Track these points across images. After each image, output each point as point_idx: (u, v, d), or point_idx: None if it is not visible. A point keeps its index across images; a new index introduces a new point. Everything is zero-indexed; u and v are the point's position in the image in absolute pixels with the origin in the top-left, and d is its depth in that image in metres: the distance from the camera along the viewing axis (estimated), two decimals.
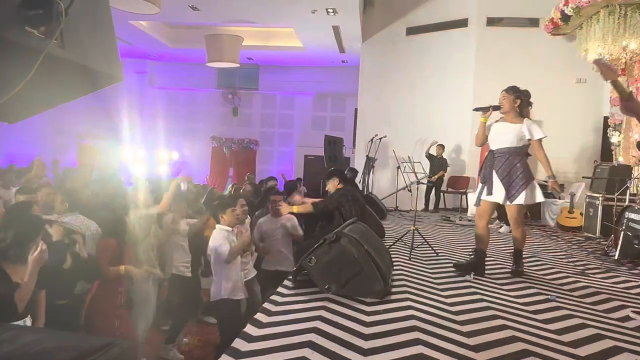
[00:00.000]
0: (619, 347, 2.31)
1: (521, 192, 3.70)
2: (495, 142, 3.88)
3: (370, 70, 11.50)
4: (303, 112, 15.48)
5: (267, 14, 10.44)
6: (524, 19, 9.74)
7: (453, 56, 10.21)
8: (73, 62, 1.16)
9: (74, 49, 1.15)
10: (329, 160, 9.97)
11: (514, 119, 3.85)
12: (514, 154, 3.76)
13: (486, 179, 3.85)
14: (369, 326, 2.50)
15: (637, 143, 2.83)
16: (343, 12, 9.83)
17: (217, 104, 15.77)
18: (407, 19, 11.00)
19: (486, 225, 3.94)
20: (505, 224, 6.80)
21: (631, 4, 6.80)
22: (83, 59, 1.15)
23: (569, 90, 9.45)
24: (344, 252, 3.05)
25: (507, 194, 3.73)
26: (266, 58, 14.28)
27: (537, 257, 4.81)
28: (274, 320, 2.53)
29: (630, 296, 3.40)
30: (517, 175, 3.72)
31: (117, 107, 14.30)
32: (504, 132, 3.84)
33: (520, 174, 3.72)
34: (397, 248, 4.87)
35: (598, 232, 6.41)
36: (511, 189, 3.71)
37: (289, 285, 3.22)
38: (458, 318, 2.68)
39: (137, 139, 13.28)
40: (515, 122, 3.82)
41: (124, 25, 11.18)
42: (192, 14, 10.47)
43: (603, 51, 7.39)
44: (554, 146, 9.46)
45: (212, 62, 11.60)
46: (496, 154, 3.85)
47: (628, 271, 4.32)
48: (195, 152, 15.41)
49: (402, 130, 10.52)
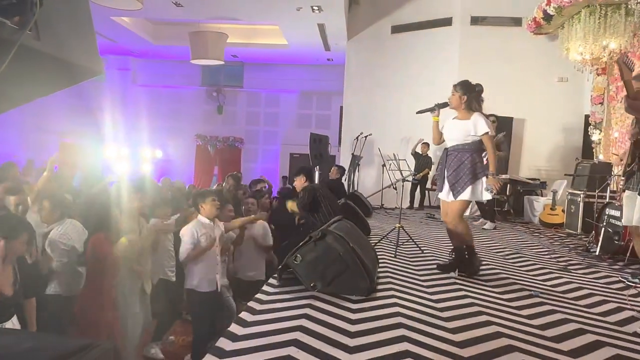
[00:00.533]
0: (600, 341, 2.35)
1: (466, 189, 3.64)
2: (448, 140, 3.86)
3: (356, 68, 11.51)
4: (288, 110, 15.42)
5: (252, 11, 10.36)
6: (507, 18, 9.84)
7: (438, 54, 10.27)
8: (50, 54, 1.12)
9: (50, 40, 1.11)
10: (315, 158, 9.95)
11: (464, 115, 3.80)
12: (463, 151, 3.72)
13: (438, 178, 3.86)
14: (354, 324, 2.49)
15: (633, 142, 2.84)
16: (328, 9, 9.81)
17: (201, 102, 15.63)
18: (392, 17, 11.03)
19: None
20: (489, 220, 6.87)
21: (611, 4, 6.90)
22: (60, 51, 1.11)
23: (551, 88, 9.58)
24: (330, 250, 3.04)
25: (453, 190, 3.68)
26: (251, 55, 14.19)
27: (519, 253, 4.86)
28: (259, 319, 2.51)
29: (611, 291, 3.45)
30: (464, 172, 3.66)
31: (99, 105, 14.08)
32: (454, 129, 3.82)
33: (467, 171, 3.65)
34: (382, 246, 4.88)
35: (579, 229, 6.50)
36: (457, 185, 3.66)
37: (274, 284, 3.20)
38: (443, 314, 2.69)
39: (120, 137, 13.09)
40: (465, 118, 3.77)
41: (106, 22, 10.99)
42: (176, 10, 10.34)
43: (584, 50, 7.50)
44: (537, 144, 9.67)
45: (197, 59, 11.47)
46: (449, 151, 3.84)
47: (609, 267, 4.39)
48: (179, 151, 15.26)
49: (388, 128, 10.55)
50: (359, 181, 10.12)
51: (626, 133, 6.91)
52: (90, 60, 1.21)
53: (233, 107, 15.65)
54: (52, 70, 1.19)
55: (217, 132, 15.50)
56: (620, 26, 6.96)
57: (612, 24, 7.00)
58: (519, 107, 9.56)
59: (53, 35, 1.09)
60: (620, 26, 6.96)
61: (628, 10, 6.80)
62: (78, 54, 1.17)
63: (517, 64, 9.64)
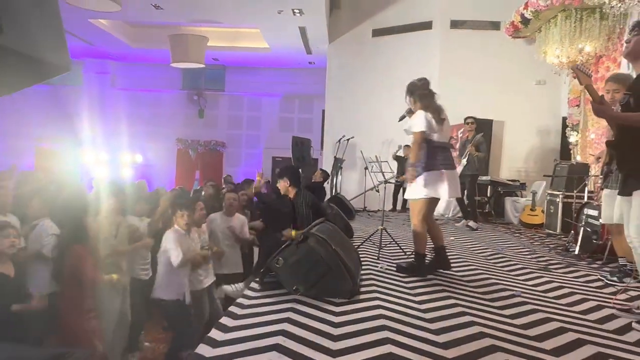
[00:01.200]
0: (582, 339, 2.36)
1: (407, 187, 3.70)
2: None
3: (337, 72, 11.53)
4: (270, 114, 15.37)
5: (233, 14, 10.31)
6: (486, 22, 9.98)
7: (418, 57, 10.36)
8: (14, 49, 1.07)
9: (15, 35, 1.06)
10: (297, 162, 9.92)
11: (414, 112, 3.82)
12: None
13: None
14: (338, 327, 2.46)
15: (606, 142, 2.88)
16: (309, 13, 9.81)
17: (182, 106, 15.47)
18: (373, 21, 11.10)
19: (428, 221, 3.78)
20: (472, 219, 6.91)
21: (586, 9, 7.05)
22: (26, 47, 1.06)
23: (530, 91, 9.74)
24: (312, 253, 3.00)
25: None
26: (232, 59, 14.11)
27: (501, 254, 4.90)
28: (240, 324, 2.46)
29: (591, 290, 3.49)
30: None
31: (77, 109, 13.83)
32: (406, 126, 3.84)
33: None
34: (365, 248, 4.87)
35: (559, 229, 6.59)
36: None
37: (256, 288, 3.15)
38: (427, 316, 2.68)
39: (99, 141, 12.87)
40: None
41: (84, 24, 10.81)
42: (155, 12, 10.23)
43: (561, 54, 7.63)
44: (516, 145, 9.81)
45: (177, 62, 11.36)
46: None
47: (588, 266, 4.45)
48: (160, 155, 15.06)
49: (370, 131, 10.58)
50: (341, 184, 10.12)
51: (602, 134, 7.06)
52: (59, 56, 1.16)
53: (214, 111, 15.52)
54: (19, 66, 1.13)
55: (198, 136, 15.35)
56: (595, 30, 7.11)
57: (587, 27, 7.15)
58: (498, 109, 9.70)
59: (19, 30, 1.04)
60: (595, 30, 7.11)
61: (603, 14, 6.94)
62: (44, 49, 1.12)
63: (496, 67, 9.78)
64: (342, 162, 9.87)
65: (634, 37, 2.64)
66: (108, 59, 14.56)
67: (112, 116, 14.80)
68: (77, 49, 12.95)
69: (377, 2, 10.98)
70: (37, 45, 1.09)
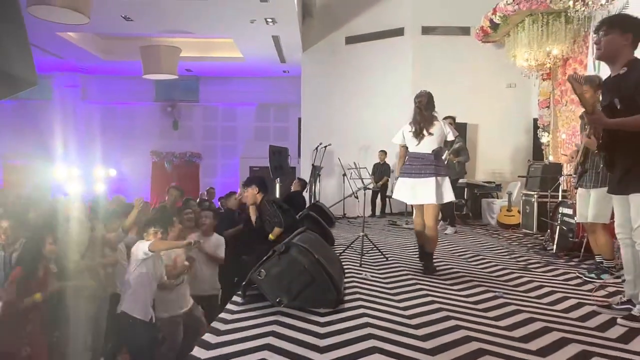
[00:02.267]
0: (566, 338, 2.38)
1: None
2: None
3: (312, 80, 11.55)
4: (246, 124, 15.28)
5: (205, 25, 10.23)
6: (457, 27, 10.16)
7: (391, 63, 10.47)
8: None
9: None
10: (275, 171, 9.87)
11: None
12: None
13: None
14: (324, 338, 2.42)
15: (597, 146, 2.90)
16: (282, 22, 9.81)
17: (156, 118, 15.23)
18: (346, 29, 11.18)
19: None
20: (450, 225, 6.97)
21: (552, 13, 7.25)
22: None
23: (501, 94, 9.94)
24: (294, 263, 2.96)
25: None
26: (206, 69, 13.99)
27: (481, 255, 4.95)
28: (224, 340, 2.40)
29: (570, 287, 3.55)
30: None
31: (48, 124, 13.50)
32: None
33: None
34: (347, 255, 4.84)
35: (535, 228, 6.71)
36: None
37: (238, 301, 3.09)
38: (412, 322, 2.67)
39: (71, 156, 12.55)
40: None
41: (51, 37, 10.56)
42: (126, 24, 10.06)
43: (529, 57, 7.82)
44: (490, 148, 9.98)
45: (149, 74, 11.17)
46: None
47: (565, 264, 4.53)
48: (134, 168, 14.76)
49: (346, 138, 10.62)
50: (320, 191, 10.10)
51: (572, 134, 7.24)
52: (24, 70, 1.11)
53: (189, 122, 15.34)
54: None
55: (173, 148, 15.13)
56: (561, 33, 7.31)
57: (553, 31, 7.35)
58: (471, 113, 9.85)
59: None
60: (561, 33, 7.31)
61: (567, 18, 7.15)
62: (10, 63, 1.07)
63: (468, 72, 9.95)
64: (320, 169, 9.85)
65: (603, 39, 2.68)
66: (78, 72, 14.26)
67: (83, 130, 14.47)
68: (46, 63, 12.64)
69: (349, 10, 11.07)
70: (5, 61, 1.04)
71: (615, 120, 2.56)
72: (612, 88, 2.69)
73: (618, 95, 2.60)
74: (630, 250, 2.73)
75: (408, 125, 4.15)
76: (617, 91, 2.62)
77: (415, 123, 4.08)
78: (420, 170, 4.02)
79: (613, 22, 2.69)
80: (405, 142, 4.17)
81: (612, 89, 2.67)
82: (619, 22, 2.70)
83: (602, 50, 2.69)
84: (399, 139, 4.22)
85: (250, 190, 4.41)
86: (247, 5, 8.98)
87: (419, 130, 4.04)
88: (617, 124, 2.55)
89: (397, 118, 10.37)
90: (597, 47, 2.72)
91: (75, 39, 11.35)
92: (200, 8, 9.17)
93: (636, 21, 2.68)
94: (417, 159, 4.05)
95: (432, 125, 4.07)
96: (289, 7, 9.11)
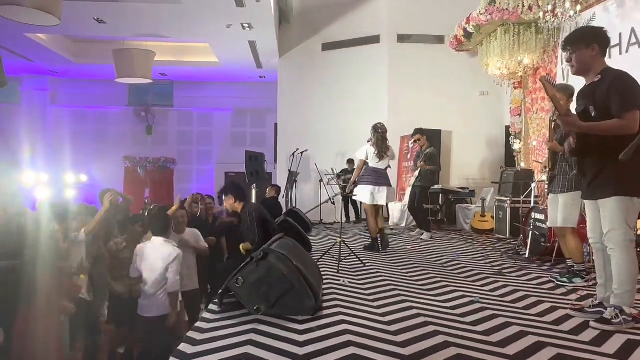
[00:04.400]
0: (542, 342, 2.42)
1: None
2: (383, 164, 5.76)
3: (289, 86, 11.55)
4: (222, 129, 15.15)
5: (179, 29, 10.12)
6: (431, 36, 10.34)
7: (367, 70, 10.57)
8: None
9: None
10: (251, 176, 9.80)
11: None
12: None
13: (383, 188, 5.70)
14: (302, 346, 2.40)
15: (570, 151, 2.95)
16: (258, 27, 9.79)
17: (129, 122, 14.95)
18: (323, 35, 11.23)
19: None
20: (425, 230, 7.04)
21: (523, 23, 7.44)
22: None
23: (474, 102, 10.14)
24: (273, 270, 2.93)
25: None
26: (181, 74, 13.83)
27: (456, 260, 5.01)
28: (201, 350, 2.35)
29: (544, 292, 3.61)
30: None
31: (13, 128, 13.07)
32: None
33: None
34: (324, 261, 4.83)
35: (508, 233, 6.85)
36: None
37: (215, 310, 3.03)
38: (391, 328, 2.67)
39: (39, 161, 12.18)
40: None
41: (19, 39, 10.27)
42: (98, 27, 9.86)
43: (502, 66, 8.01)
44: (465, 153, 10.16)
45: (122, 77, 10.96)
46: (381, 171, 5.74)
47: (538, 268, 4.62)
48: (106, 174, 14.38)
49: (323, 144, 10.64)
50: (297, 197, 10.08)
51: (543, 141, 7.43)
52: None
53: (163, 127, 15.11)
54: None
55: (147, 153, 14.87)
56: (532, 43, 7.52)
57: (525, 41, 7.55)
58: (445, 119, 10.02)
59: None
60: (532, 43, 7.52)
61: (538, 28, 7.37)
62: None
63: (442, 79, 10.13)
64: (297, 175, 9.84)
65: (572, 56, 2.77)
66: (48, 75, 13.89)
67: (53, 134, 14.09)
68: (13, 65, 12.26)
69: (326, 17, 11.13)
70: None
71: (587, 124, 2.64)
72: (587, 95, 2.76)
73: (592, 102, 2.68)
74: (602, 255, 2.80)
75: (372, 147, 5.59)
76: (591, 98, 2.70)
77: (379, 147, 5.58)
78: (378, 181, 5.54)
79: (575, 39, 2.79)
80: (368, 159, 5.60)
81: (587, 96, 2.75)
82: (580, 37, 2.79)
83: (575, 66, 2.78)
84: (362, 156, 5.66)
85: (227, 200, 4.40)
86: (223, 10, 8.93)
87: (381, 153, 5.58)
88: (590, 127, 2.63)
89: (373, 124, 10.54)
90: (570, 65, 2.80)
91: (45, 40, 11.06)
92: (176, 12, 9.07)
93: (594, 31, 2.81)
94: (376, 173, 5.59)
95: (388, 149, 5.66)
96: (266, 13, 9.10)
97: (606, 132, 2.57)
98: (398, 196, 9.99)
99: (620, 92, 2.55)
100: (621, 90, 2.56)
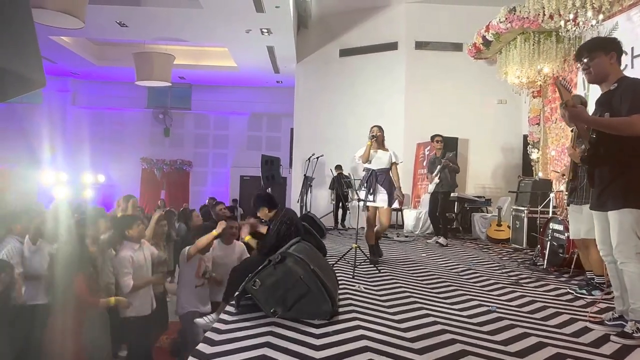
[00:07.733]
0: (562, 354, 2.39)
1: (395, 200, 5.33)
2: (375, 164, 5.32)
3: (305, 91, 11.61)
4: (238, 133, 15.27)
5: (200, 33, 10.26)
6: (449, 43, 10.32)
7: (384, 77, 10.58)
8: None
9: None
10: (267, 180, 9.85)
11: (383, 147, 5.43)
12: (387, 172, 5.30)
13: (373, 190, 5.24)
14: (319, 350, 2.40)
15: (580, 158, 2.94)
16: (277, 33, 9.88)
17: (147, 124, 15.17)
18: (340, 41, 11.28)
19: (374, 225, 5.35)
20: (444, 236, 6.99)
21: (543, 32, 7.38)
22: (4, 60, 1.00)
23: (492, 110, 10.08)
24: (290, 273, 2.94)
25: (389, 200, 5.21)
26: (199, 77, 14.00)
27: (472, 269, 4.97)
28: (218, 351, 2.37)
29: (562, 303, 3.57)
30: (393, 187, 5.28)
31: (35, 128, 13.33)
32: (381, 157, 5.34)
33: (391, 185, 5.27)
34: (339, 266, 4.83)
35: (525, 243, 6.76)
36: (390, 197, 5.22)
37: (232, 311, 3.06)
38: (408, 335, 2.66)
39: (59, 161, 12.40)
40: (385, 150, 5.41)
41: (44, 41, 10.49)
42: (120, 30, 10.06)
43: (521, 74, 7.95)
44: (481, 162, 10.08)
45: (142, 80, 11.15)
46: (378, 172, 5.28)
47: (556, 279, 4.56)
48: (123, 175, 14.65)
49: (338, 149, 10.65)
50: (311, 202, 10.09)
51: (562, 151, 7.34)
52: (34, 71, 1.10)
53: (180, 130, 15.29)
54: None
55: (163, 155, 15.06)
56: (552, 52, 7.44)
57: (545, 50, 7.48)
58: (462, 127, 9.96)
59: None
60: (552, 52, 7.44)
61: (558, 37, 7.29)
62: (23, 64, 1.06)
63: (459, 87, 10.09)
64: (312, 180, 9.86)
65: (590, 63, 2.75)
66: (70, 76, 14.17)
67: (73, 135, 14.34)
68: None
69: (344, 23, 11.18)
70: (18, 60, 1.03)
71: (594, 118, 2.65)
72: (603, 102, 2.75)
73: (609, 109, 2.66)
74: (614, 267, 2.76)
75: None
76: (607, 105, 2.69)
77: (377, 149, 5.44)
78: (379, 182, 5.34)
79: (594, 46, 2.78)
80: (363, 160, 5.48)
81: (604, 103, 2.74)
82: (599, 44, 2.80)
83: (593, 73, 2.76)
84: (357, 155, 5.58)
85: (261, 211, 4.51)
86: (243, 15, 9.04)
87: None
88: (596, 120, 2.64)
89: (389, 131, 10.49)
90: (587, 72, 2.77)
91: (69, 43, 11.30)
92: (196, 17, 9.20)
93: (611, 40, 2.84)
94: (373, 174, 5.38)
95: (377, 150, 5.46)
96: (285, 19, 9.18)
97: (612, 129, 2.57)
98: (413, 203, 9.95)
99: (632, 95, 2.56)
100: (633, 93, 2.57)
